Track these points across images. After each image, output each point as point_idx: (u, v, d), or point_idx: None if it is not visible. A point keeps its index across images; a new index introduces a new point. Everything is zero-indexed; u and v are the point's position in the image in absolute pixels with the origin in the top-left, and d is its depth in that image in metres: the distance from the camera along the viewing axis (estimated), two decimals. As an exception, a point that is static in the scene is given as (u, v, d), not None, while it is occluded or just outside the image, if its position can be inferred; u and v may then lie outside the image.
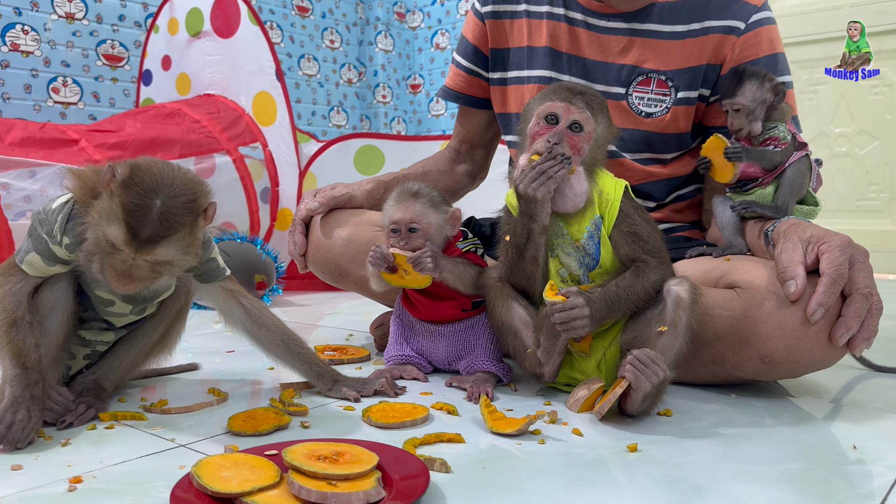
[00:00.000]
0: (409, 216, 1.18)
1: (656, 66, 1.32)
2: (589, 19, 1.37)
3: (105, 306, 1.06)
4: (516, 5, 1.46)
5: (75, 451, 0.89)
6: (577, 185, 1.03)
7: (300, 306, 2.24)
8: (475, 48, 1.52)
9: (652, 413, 1.02)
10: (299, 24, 3.88)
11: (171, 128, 2.32)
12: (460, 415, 1.04)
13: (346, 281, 1.44)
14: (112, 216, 0.87)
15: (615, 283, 1.02)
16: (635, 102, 1.34)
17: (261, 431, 0.94)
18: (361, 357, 1.40)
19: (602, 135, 1.06)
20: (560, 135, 1.02)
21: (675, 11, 1.32)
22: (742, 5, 1.30)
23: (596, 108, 1.04)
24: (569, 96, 1.04)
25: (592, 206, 1.05)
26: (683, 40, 1.31)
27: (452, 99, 1.60)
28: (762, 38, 1.29)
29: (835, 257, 0.98)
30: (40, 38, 2.85)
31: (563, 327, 0.99)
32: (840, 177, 3.13)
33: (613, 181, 1.07)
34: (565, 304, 0.99)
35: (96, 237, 0.90)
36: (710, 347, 1.10)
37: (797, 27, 3.14)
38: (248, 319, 1.12)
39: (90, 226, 0.91)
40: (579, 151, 1.03)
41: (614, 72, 1.35)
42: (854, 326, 0.99)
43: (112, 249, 0.90)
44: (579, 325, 0.99)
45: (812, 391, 1.17)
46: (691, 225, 1.43)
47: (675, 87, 1.32)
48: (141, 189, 0.87)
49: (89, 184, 0.94)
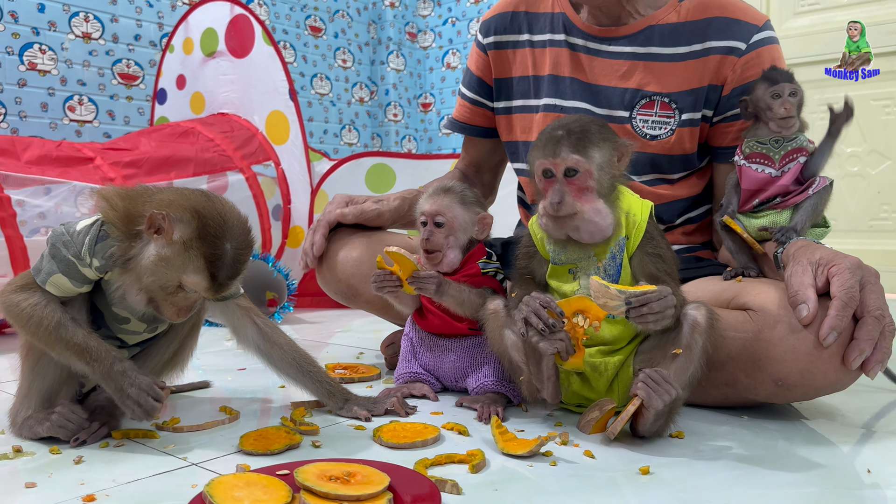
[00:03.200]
0: (435, 208, 1.21)
1: (659, 88, 1.32)
2: (590, 44, 1.37)
3: (120, 323, 1.07)
4: (518, 35, 1.47)
5: (88, 469, 0.90)
6: (600, 220, 1.02)
7: (311, 324, 2.25)
8: (479, 79, 1.54)
9: (664, 434, 1.01)
10: (312, 43, 3.91)
11: (185, 146, 2.34)
12: (471, 435, 1.03)
13: (358, 300, 1.45)
14: (191, 266, 0.94)
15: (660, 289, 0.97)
16: (639, 125, 1.33)
17: (272, 451, 0.94)
18: (372, 376, 1.41)
19: (605, 160, 1.03)
20: (560, 191, 1.00)
21: (675, 33, 1.32)
22: (743, 26, 1.29)
23: (584, 144, 1.01)
24: (553, 150, 1.01)
25: (619, 228, 1.04)
26: (685, 62, 1.31)
27: (459, 130, 1.61)
28: (764, 59, 1.28)
29: (845, 280, 0.98)
30: (57, 57, 2.89)
31: (655, 318, 0.94)
32: (852, 196, 3.12)
33: (640, 202, 1.06)
34: (661, 290, 0.94)
35: (163, 281, 0.95)
36: (723, 370, 1.09)
37: (806, 48, 3.15)
38: (260, 338, 1.13)
39: (149, 269, 0.95)
40: (585, 191, 1.01)
41: (617, 95, 1.34)
42: (867, 349, 0.98)
43: (179, 291, 0.96)
44: (670, 314, 0.95)
45: (826, 414, 1.16)
46: (702, 245, 1.42)
47: (679, 110, 1.31)
48: (216, 239, 0.95)
49: (120, 209, 0.97)
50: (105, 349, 0.98)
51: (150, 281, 0.96)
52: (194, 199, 0.97)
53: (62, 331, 0.97)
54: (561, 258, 1.08)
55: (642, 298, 0.93)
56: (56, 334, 0.97)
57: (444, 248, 1.22)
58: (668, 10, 1.33)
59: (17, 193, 2.00)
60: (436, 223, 1.21)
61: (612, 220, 1.03)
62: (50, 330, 0.97)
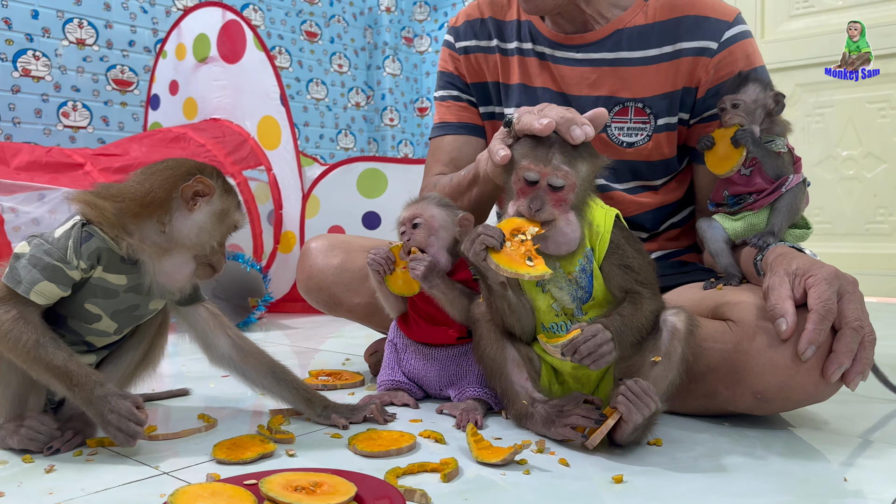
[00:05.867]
0: (411, 212, 1.21)
1: (632, 94, 1.29)
2: (556, 52, 1.34)
3: (89, 323, 1.05)
4: (489, 41, 1.44)
5: (58, 478, 0.89)
6: (570, 231, 0.99)
7: (301, 329, 2.24)
8: (459, 77, 1.47)
9: (642, 443, 1.00)
10: (308, 48, 3.92)
11: (176, 152, 2.34)
12: (447, 443, 1.03)
13: (339, 309, 1.44)
14: (234, 208, 1.07)
15: (618, 312, 0.98)
16: (615, 133, 1.30)
17: (244, 459, 0.94)
18: (355, 383, 1.40)
19: (586, 176, 1.00)
20: (541, 198, 0.97)
21: (644, 36, 1.29)
22: (713, 23, 1.26)
23: (575, 157, 0.98)
24: (544, 155, 0.97)
25: (584, 240, 1.02)
26: (657, 65, 1.28)
27: (452, 131, 1.47)
28: (737, 56, 1.26)
29: (822, 291, 0.96)
30: (51, 63, 2.90)
31: (590, 359, 0.93)
32: (848, 200, 3.10)
33: (604, 211, 1.04)
34: (586, 333, 0.94)
35: (220, 235, 1.06)
36: (703, 381, 1.08)
37: (802, 51, 3.14)
38: (234, 350, 1.12)
39: (206, 232, 1.03)
40: (563, 203, 0.98)
41: (590, 104, 1.28)
42: (846, 362, 0.96)
43: (225, 240, 1.07)
44: (606, 350, 0.93)
45: (809, 421, 1.15)
46: (687, 249, 1.41)
47: (654, 115, 1.29)
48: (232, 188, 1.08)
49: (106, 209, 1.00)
50: (86, 373, 0.97)
51: (206, 241, 1.04)
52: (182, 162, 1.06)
53: (41, 350, 0.95)
54: None
55: (570, 347, 0.93)
56: (35, 353, 0.95)
57: (428, 249, 1.20)
58: (636, 12, 1.30)
59: (7, 200, 2.00)
60: (413, 225, 1.21)
61: (580, 233, 1.00)
62: (28, 348, 0.95)
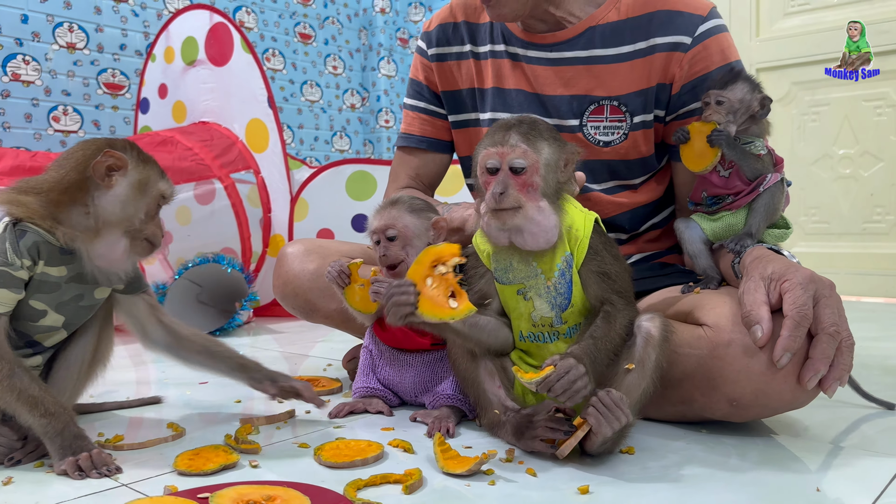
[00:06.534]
0: (384, 222, 1.18)
1: (606, 92, 1.27)
2: (529, 52, 1.32)
3: (35, 321, 1.04)
4: (462, 46, 1.42)
5: (15, 491, 0.88)
6: (543, 219, 0.95)
7: (288, 333, 2.23)
8: (428, 88, 1.47)
9: (614, 451, 0.98)
10: (302, 50, 3.90)
11: (162, 155, 2.32)
12: (416, 452, 1.01)
13: (316, 315, 1.42)
14: (154, 177, 1.05)
15: (590, 335, 0.96)
16: (591, 133, 1.28)
17: (206, 471, 0.92)
18: (332, 389, 1.38)
19: (552, 159, 0.97)
20: (504, 182, 0.95)
21: (617, 32, 1.26)
22: (686, 17, 1.24)
23: (535, 136, 0.96)
24: (501, 137, 0.96)
25: (563, 242, 0.99)
26: (631, 62, 1.26)
27: (416, 144, 1.49)
28: (712, 51, 1.23)
29: (797, 296, 0.94)
30: (41, 67, 2.89)
31: (565, 396, 0.90)
32: (844, 199, 3.07)
33: (583, 214, 1.01)
34: (559, 370, 0.89)
35: (146, 206, 1.03)
36: (679, 387, 1.06)
37: (798, 48, 3.10)
38: (169, 336, 1.16)
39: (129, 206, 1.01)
40: (530, 187, 0.95)
41: (565, 103, 1.29)
42: (822, 368, 0.94)
43: (155, 212, 1.05)
44: (581, 385, 0.89)
45: (789, 428, 1.13)
46: (669, 251, 1.38)
47: (630, 113, 1.26)
48: (149, 158, 1.06)
49: (30, 203, 0.99)
50: (62, 406, 0.96)
51: (132, 215, 1.02)
52: (92, 141, 1.05)
53: (16, 379, 0.94)
54: (508, 276, 1.03)
55: (543, 385, 0.90)
56: (9, 382, 0.94)
57: (406, 260, 1.19)
58: (608, 9, 1.28)
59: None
60: (388, 237, 1.18)
61: (555, 221, 0.97)
62: (2, 376, 0.94)
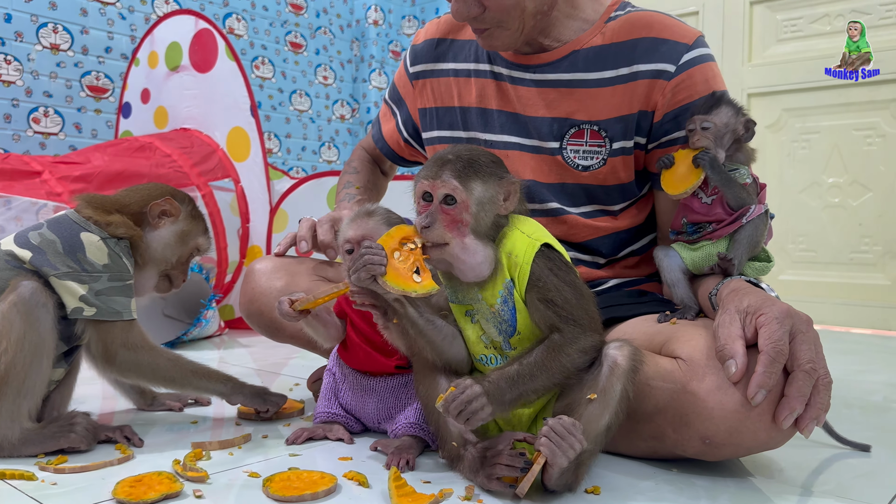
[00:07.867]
0: (360, 233, 1.14)
1: (587, 116, 1.24)
2: (514, 73, 1.30)
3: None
4: (443, 63, 1.40)
5: None
6: (468, 257, 0.94)
7: (258, 347, 2.17)
8: (403, 100, 1.51)
9: (576, 489, 0.93)
10: (292, 59, 3.87)
11: (139, 161, 2.28)
12: (371, 486, 0.96)
13: (281, 335, 1.38)
14: (199, 230, 1.25)
15: (518, 361, 0.92)
16: (570, 156, 1.25)
17: (145, 501, 0.87)
18: (293, 412, 1.33)
19: (487, 196, 0.94)
20: (433, 214, 0.93)
21: (601, 57, 1.24)
22: (671, 45, 1.21)
23: (468, 174, 0.93)
24: (436, 170, 0.94)
25: (502, 270, 0.95)
26: (613, 87, 1.22)
27: (377, 142, 1.59)
28: (696, 80, 1.20)
29: (773, 332, 0.90)
30: (23, 68, 2.84)
31: (462, 417, 0.87)
32: (833, 228, 3.05)
33: (527, 241, 0.96)
34: (455, 391, 0.88)
35: (181, 252, 1.22)
36: (651, 422, 1.02)
37: (788, 75, 3.09)
38: None
39: (169, 247, 1.21)
40: (458, 223, 0.93)
41: (546, 125, 1.26)
42: (798, 407, 0.90)
43: (187, 260, 1.25)
44: (477, 406, 0.87)
45: (763, 468, 1.09)
46: (648, 278, 1.34)
47: (609, 138, 1.23)
48: (196, 207, 1.26)
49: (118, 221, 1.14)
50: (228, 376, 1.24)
51: (169, 257, 1.20)
52: (163, 186, 1.24)
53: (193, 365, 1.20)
54: (457, 297, 1.00)
55: (443, 405, 0.88)
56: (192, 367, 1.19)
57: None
58: (594, 33, 1.25)
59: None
60: None
61: (482, 258, 0.94)
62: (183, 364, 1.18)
